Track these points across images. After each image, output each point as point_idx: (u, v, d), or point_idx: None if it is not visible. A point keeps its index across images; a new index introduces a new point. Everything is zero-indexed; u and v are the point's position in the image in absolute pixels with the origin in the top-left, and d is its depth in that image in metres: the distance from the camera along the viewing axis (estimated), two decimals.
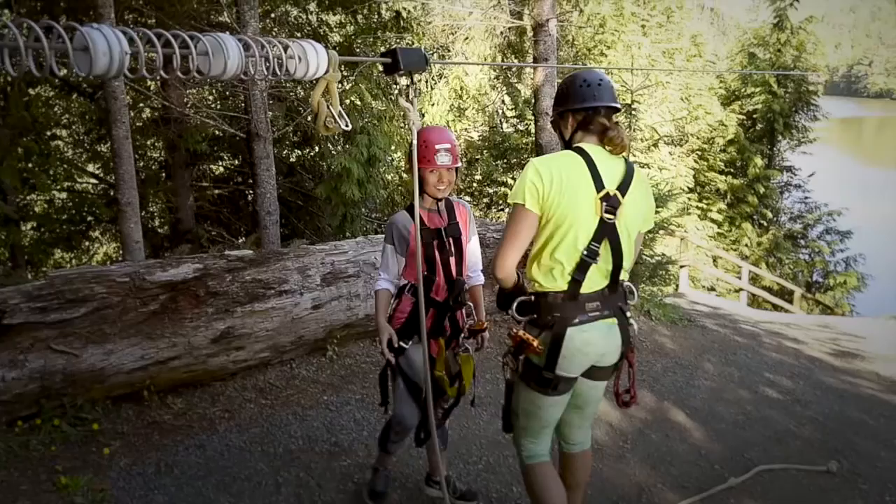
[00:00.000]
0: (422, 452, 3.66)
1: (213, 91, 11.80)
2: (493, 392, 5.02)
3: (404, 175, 17.84)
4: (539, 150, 8.33)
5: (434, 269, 2.98)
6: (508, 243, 2.46)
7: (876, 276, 17.53)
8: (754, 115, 18.01)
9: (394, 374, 3.10)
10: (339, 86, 2.34)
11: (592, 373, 2.57)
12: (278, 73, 2.20)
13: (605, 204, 2.39)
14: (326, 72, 2.30)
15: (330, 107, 2.37)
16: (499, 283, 2.53)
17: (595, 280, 2.44)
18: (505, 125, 16.96)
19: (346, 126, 2.39)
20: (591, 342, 2.45)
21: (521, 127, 16.64)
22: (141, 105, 11.08)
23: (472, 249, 3.13)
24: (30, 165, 9.85)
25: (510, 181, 17.06)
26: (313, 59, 2.28)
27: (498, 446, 4.17)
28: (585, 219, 2.39)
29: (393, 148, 10.54)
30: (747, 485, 3.83)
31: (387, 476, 3.45)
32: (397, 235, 3.01)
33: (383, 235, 3.19)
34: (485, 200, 18.69)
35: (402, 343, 2.98)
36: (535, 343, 2.45)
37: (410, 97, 2.32)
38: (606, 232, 2.40)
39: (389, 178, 12.73)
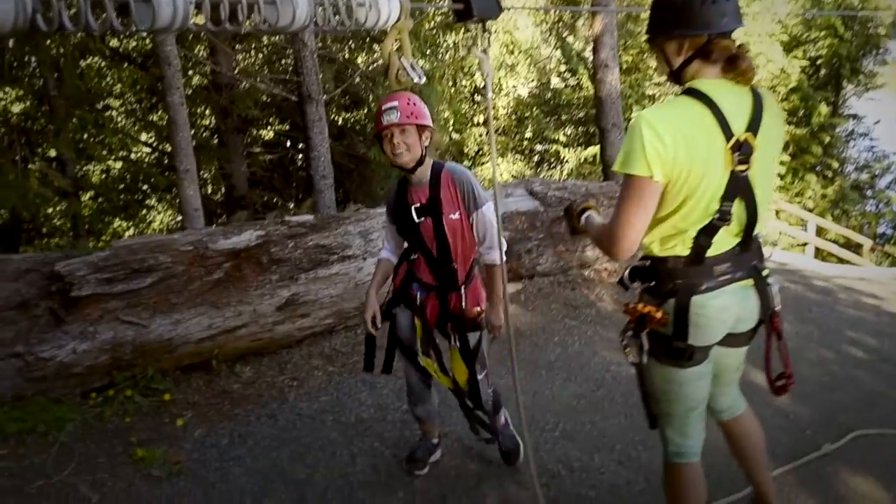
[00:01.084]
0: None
1: (261, 55, 11.70)
2: (562, 356, 4.87)
3: (454, 136, 17.64)
4: (599, 104, 8.02)
5: (413, 248, 2.89)
6: (629, 219, 2.00)
7: None
8: (818, 62, 17.17)
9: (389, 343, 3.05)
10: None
11: (727, 340, 2.22)
12: (347, 22, 2.02)
13: (736, 154, 1.96)
14: (398, 20, 2.13)
15: (402, 59, 2.20)
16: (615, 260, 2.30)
17: (724, 241, 2.06)
18: (555, 80, 16.52)
19: (420, 78, 2.21)
20: (726, 308, 2.10)
21: (572, 82, 16.20)
22: (190, 72, 11.05)
23: (479, 223, 2.80)
24: (85, 136, 9.95)
25: (562, 137, 16.70)
26: (384, 6, 2.08)
27: (573, 412, 4.02)
28: (715, 178, 1.97)
29: (443, 108, 10.33)
30: (843, 451, 3.60)
31: (426, 445, 3.34)
32: (387, 210, 2.97)
33: None
34: (535, 158, 18.38)
35: (392, 310, 2.99)
36: (658, 315, 2.11)
37: (484, 46, 2.09)
38: (739, 186, 1.99)
39: (439, 138, 12.55)
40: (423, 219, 2.76)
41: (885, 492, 3.22)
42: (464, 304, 2.86)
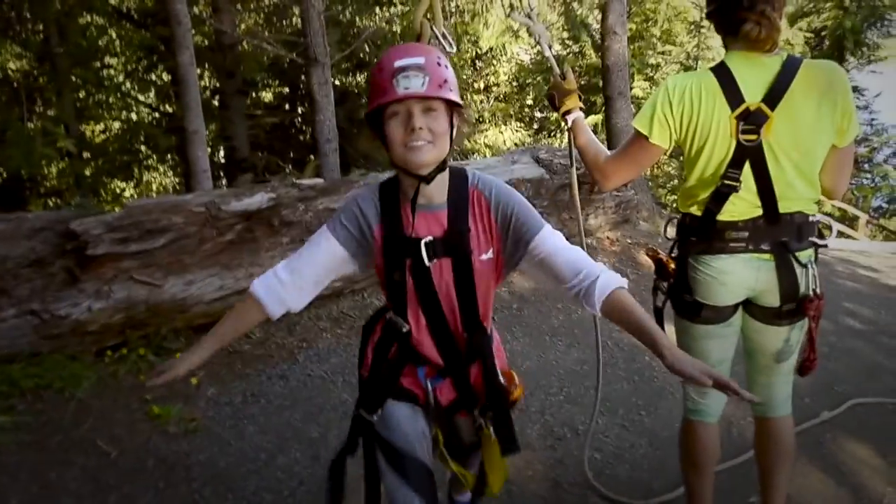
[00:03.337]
0: None
1: (262, 14, 11.58)
2: (565, 322, 4.94)
3: (474, 97, 17.30)
4: (606, 71, 7.99)
5: (404, 309, 1.79)
6: (621, 166, 2.27)
7: None
8: (822, 33, 17.06)
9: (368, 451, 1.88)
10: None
11: (753, 311, 2.27)
12: None
13: (741, 123, 2.03)
14: None
15: (433, 27, 2.21)
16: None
17: (740, 208, 2.12)
18: (557, 47, 16.39)
19: (451, 48, 2.23)
20: (729, 272, 2.16)
21: (575, 49, 16.08)
22: (192, 32, 10.93)
23: (551, 253, 1.72)
24: (83, 94, 9.85)
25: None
26: None
27: (577, 376, 4.11)
28: (721, 144, 2.07)
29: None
30: (841, 419, 3.70)
31: None
32: (352, 225, 1.78)
33: None
34: (535, 126, 18.32)
35: (362, 413, 1.88)
36: (672, 265, 2.27)
37: (527, 11, 2.10)
38: (748, 155, 2.05)
39: None
40: (435, 261, 1.73)
41: (881, 458, 3.32)
42: (490, 371, 1.86)
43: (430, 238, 1.72)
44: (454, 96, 1.64)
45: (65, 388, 3.39)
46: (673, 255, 2.33)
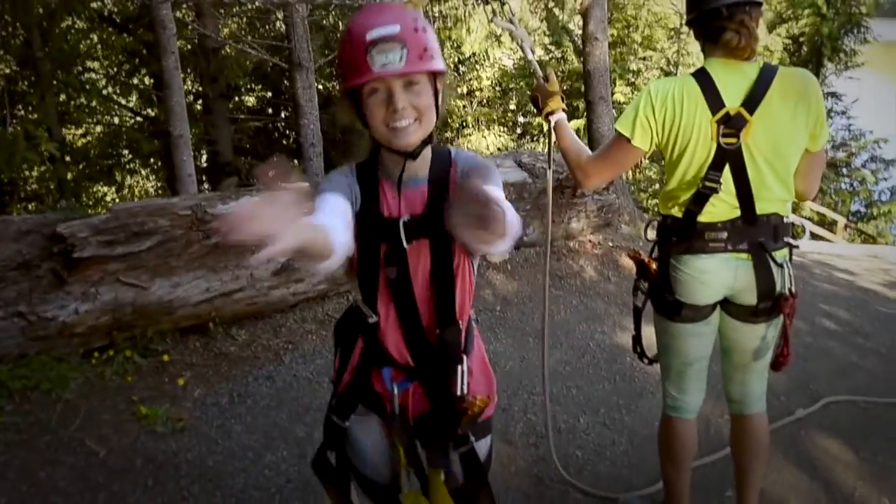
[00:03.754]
0: None
1: (245, 19, 11.59)
2: (548, 324, 5.00)
3: (457, 102, 17.33)
4: (587, 77, 8.09)
5: (374, 298, 1.61)
6: (602, 166, 2.35)
7: None
8: (801, 39, 17.34)
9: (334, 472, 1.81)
10: None
11: (730, 310, 2.35)
12: None
13: (722, 127, 2.12)
14: None
15: None
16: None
17: (719, 210, 2.20)
18: (539, 52, 16.53)
19: None
20: (708, 271, 2.24)
21: (557, 54, 16.24)
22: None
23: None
24: (63, 99, 9.81)
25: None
26: None
27: (560, 377, 4.18)
28: (702, 148, 2.15)
29: None
30: (815, 416, 3.80)
31: None
32: (346, 183, 1.60)
33: None
34: (518, 130, 18.44)
35: (335, 419, 1.74)
36: (653, 266, 2.36)
37: (509, 16, 2.18)
38: (728, 158, 2.14)
39: None
40: (413, 242, 1.55)
41: (853, 454, 3.42)
42: (464, 388, 1.64)
43: (408, 217, 1.55)
44: (437, 64, 1.48)
45: (52, 390, 3.42)
46: (654, 256, 2.41)
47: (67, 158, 10.99)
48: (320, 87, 11.83)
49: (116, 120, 11.76)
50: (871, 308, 6.01)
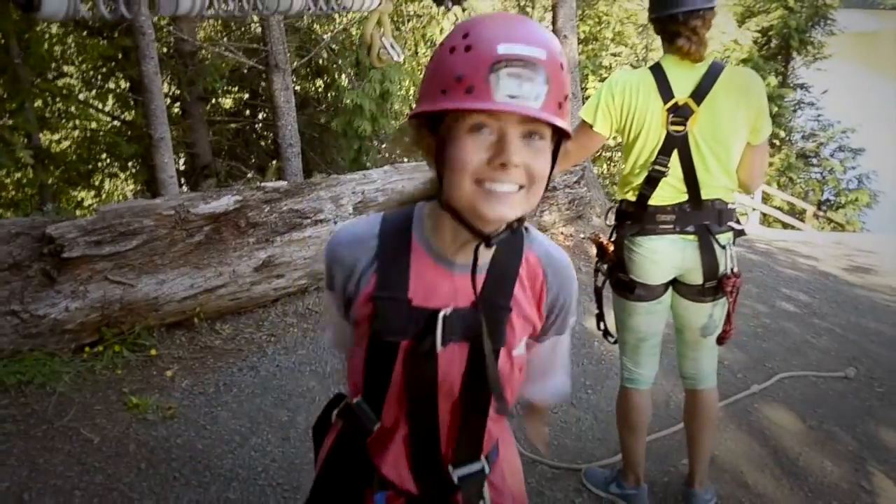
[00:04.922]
0: None
1: (220, 21, 11.69)
2: None
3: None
4: None
5: (380, 402, 1.21)
6: (568, 150, 2.59)
7: (887, 192, 17.55)
8: (769, 32, 17.71)
9: None
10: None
11: (680, 289, 2.59)
12: (335, 6, 2.31)
13: (671, 115, 2.35)
14: (380, 4, 2.41)
15: (383, 38, 2.48)
16: None
17: (668, 193, 2.44)
18: None
19: (399, 57, 2.51)
20: (659, 251, 2.47)
21: None
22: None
23: (546, 351, 1.35)
24: (40, 104, 9.83)
25: None
26: None
27: None
28: (653, 134, 2.39)
29: (407, 82, 10.58)
30: (769, 391, 4.06)
31: None
32: (340, 276, 1.21)
33: (394, 171, 1.63)
34: None
35: None
36: (611, 248, 2.57)
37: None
38: (676, 144, 2.37)
39: (398, 108, 12.75)
40: (450, 344, 1.15)
41: (802, 423, 3.69)
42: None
43: (450, 310, 1.14)
44: (568, 122, 1.08)
45: (46, 383, 3.58)
46: (612, 239, 2.64)
47: (47, 162, 11.05)
48: (297, 88, 11.98)
49: (94, 124, 11.80)
50: (830, 291, 6.28)
